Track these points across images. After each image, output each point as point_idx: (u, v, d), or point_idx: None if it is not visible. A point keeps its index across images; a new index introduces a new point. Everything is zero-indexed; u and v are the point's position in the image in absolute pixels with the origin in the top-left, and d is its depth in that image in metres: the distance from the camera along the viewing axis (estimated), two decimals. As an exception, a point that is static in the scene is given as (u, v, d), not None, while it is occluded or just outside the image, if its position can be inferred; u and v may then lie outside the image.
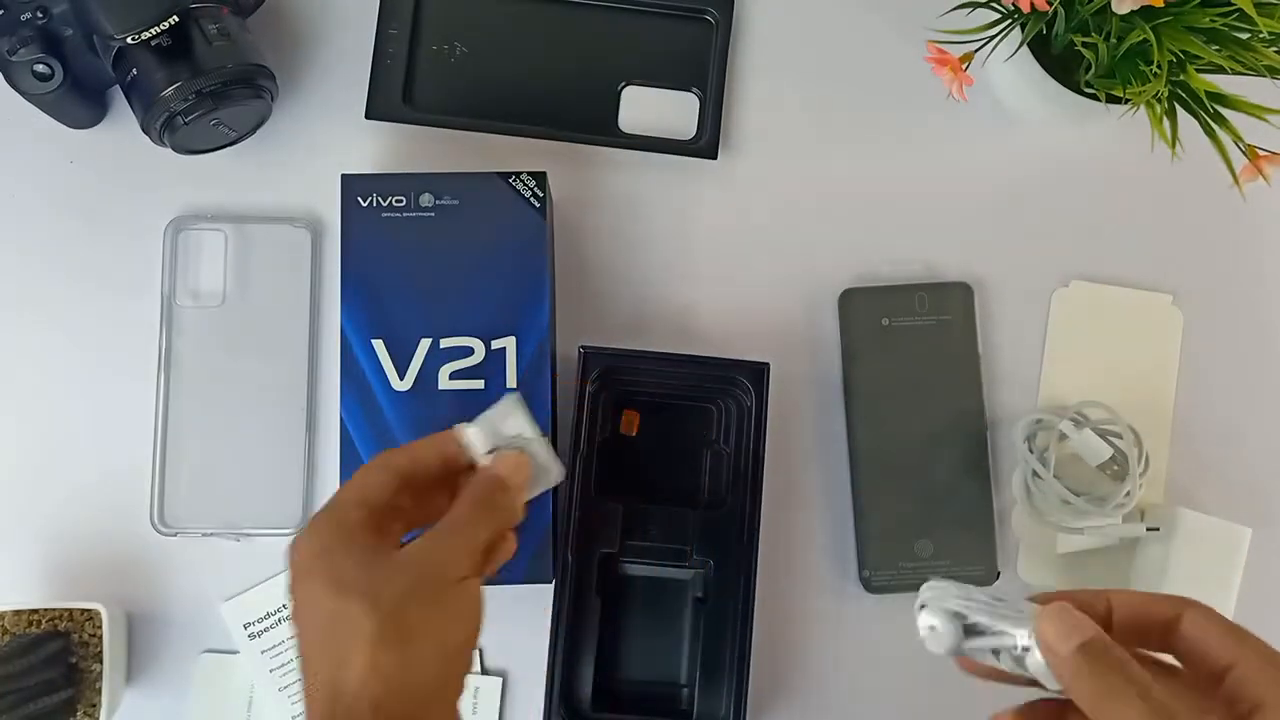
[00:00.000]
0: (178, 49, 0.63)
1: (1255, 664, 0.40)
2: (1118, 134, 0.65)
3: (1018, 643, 0.42)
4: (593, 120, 0.72)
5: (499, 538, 0.53)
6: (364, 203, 0.67)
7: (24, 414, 0.70)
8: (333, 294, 0.70)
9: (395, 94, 0.71)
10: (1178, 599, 0.43)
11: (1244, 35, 0.58)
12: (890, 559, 0.68)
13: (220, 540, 0.68)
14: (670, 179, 0.72)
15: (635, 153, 0.72)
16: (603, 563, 0.65)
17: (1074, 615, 0.41)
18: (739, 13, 0.74)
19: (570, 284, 0.71)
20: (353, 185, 0.67)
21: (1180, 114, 0.59)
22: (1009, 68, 0.65)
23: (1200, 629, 0.42)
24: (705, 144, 0.71)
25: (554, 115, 0.72)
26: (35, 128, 0.70)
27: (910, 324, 0.70)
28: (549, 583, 0.64)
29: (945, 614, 0.43)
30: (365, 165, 0.72)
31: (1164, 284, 0.72)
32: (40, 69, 0.64)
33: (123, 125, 0.71)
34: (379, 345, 0.65)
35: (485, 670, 0.68)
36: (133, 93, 0.65)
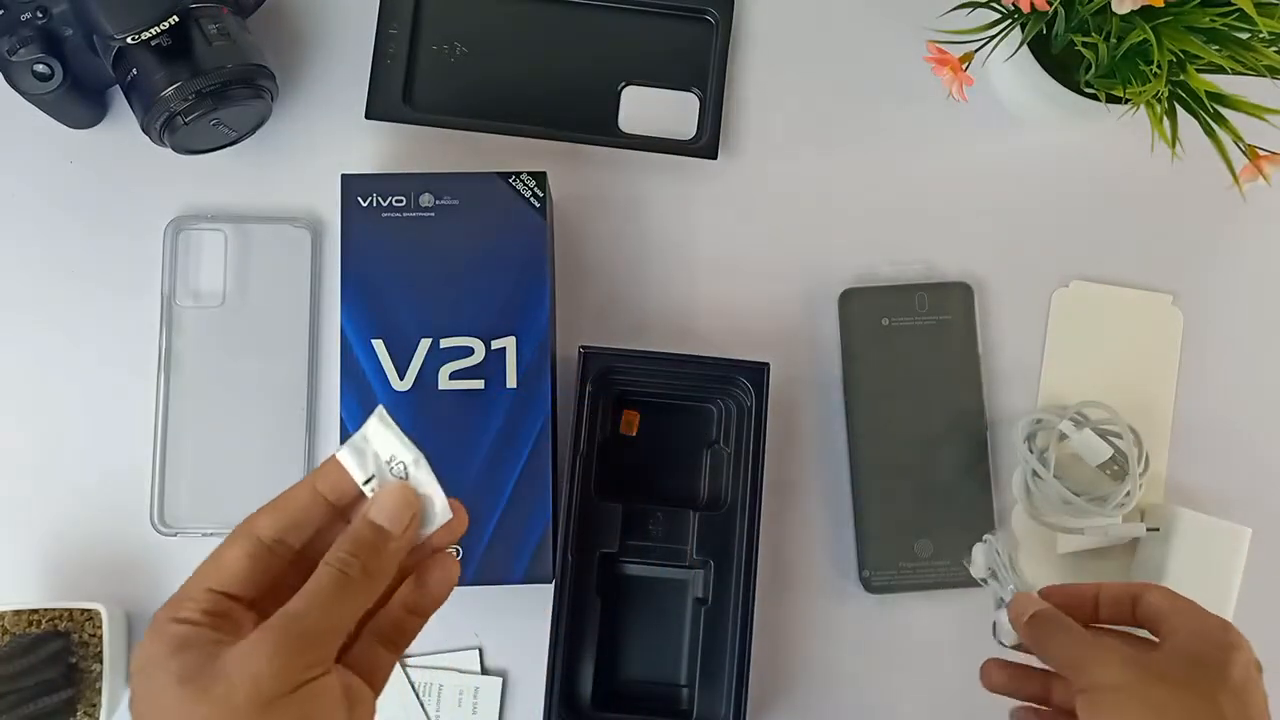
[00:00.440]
0: (178, 49, 0.63)
1: (1166, 598, 0.53)
2: (1118, 134, 0.65)
3: (1003, 596, 0.57)
4: (593, 120, 0.72)
5: (412, 576, 0.45)
6: (364, 203, 0.67)
7: (24, 414, 0.70)
8: (333, 294, 0.70)
9: (395, 94, 0.71)
10: (1142, 584, 0.55)
11: (1244, 35, 0.58)
12: (890, 559, 0.68)
13: (220, 540, 0.68)
14: (670, 179, 0.72)
15: (635, 153, 0.72)
16: (602, 563, 0.65)
17: (1030, 598, 0.56)
18: (739, 13, 0.74)
19: (570, 284, 0.71)
20: (353, 185, 0.67)
21: (1180, 114, 0.59)
22: (1009, 68, 0.65)
23: (1152, 599, 0.54)
24: (705, 144, 0.71)
25: (554, 115, 0.72)
26: (35, 128, 0.70)
27: (910, 324, 0.70)
28: (549, 583, 0.64)
29: (986, 556, 0.60)
30: (365, 165, 0.72)
31: (1164, 284, 0.72)
32: (40, 69, 0.64)
33: (123, 125, 0.71)
34: (379, 345, 0.65)
35: (485, 670, 0.68)
36: (133, 93, 0.65)
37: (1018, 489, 0.69)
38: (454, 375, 0.65)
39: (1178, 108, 0.59)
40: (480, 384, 0.65)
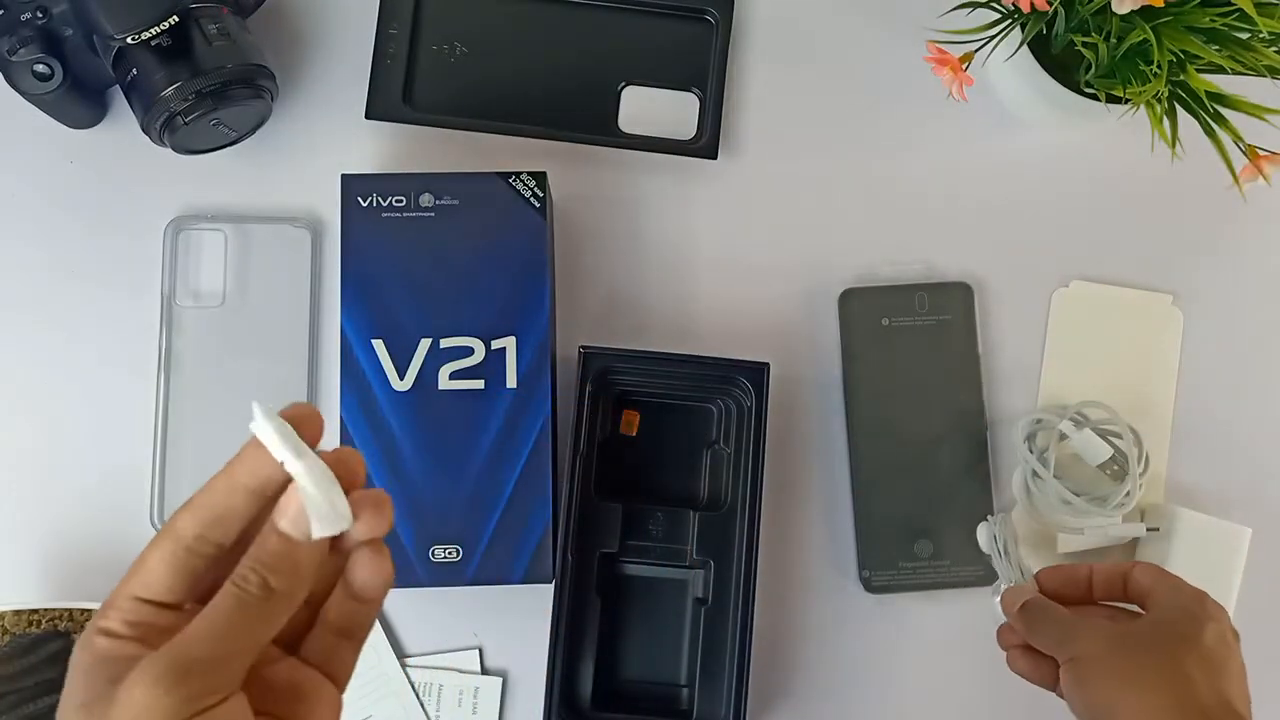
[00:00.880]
0: (178, 49, 0.63)
1: (1150, 573, 0.57)
2: (1118, 134, 0.65)
3: (1002, 578, 0.63)
4: (593, 120, 0.72)
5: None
6: (364, 203, 0.67)
7: (24, 414, 0.70)
8: (333, 294, 0.70)
9: (395, 94, 0.71)
10: (1131, 562, 0.59)
11: (1244, 35, 0.58)
12: (890, 559, 0.68)
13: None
14: (670, 179, 0.72)
15: (635, 153, 0.72)
16: (602, 563, 0.65)
17: (1019, 589, 0.60)
18: (739, 13, 0.74)
19: (570, 284, 0.71)
20: (353, 185, 0.67)
21: (1180, 114, 0.59)
22: (1009, 68, 0.65)
23: (1138, 575, 0.57)
24: (705, 144, 0.71)
25: (554, 115, 0.72)
26: (35, 127, 0.70)
27: (910, 324, 0.70)
28: (549, 583, 0.64)
29: (987, 538, 0.66)
30: (365, 165, 0.72)
31: (1164, 284, 0.72)
32: (40, 69, 0.64)
33: (123, 125, 0.71)
34: (379, 345, 0.65)
35: (485, 670, 0.68)
36: (133, 93, 0.65)
37: (1018, 489, 0.69)
38: (454, 375, 0.65)
39: (1178, 108, 0.59)
40: (480, 384, 0.65)
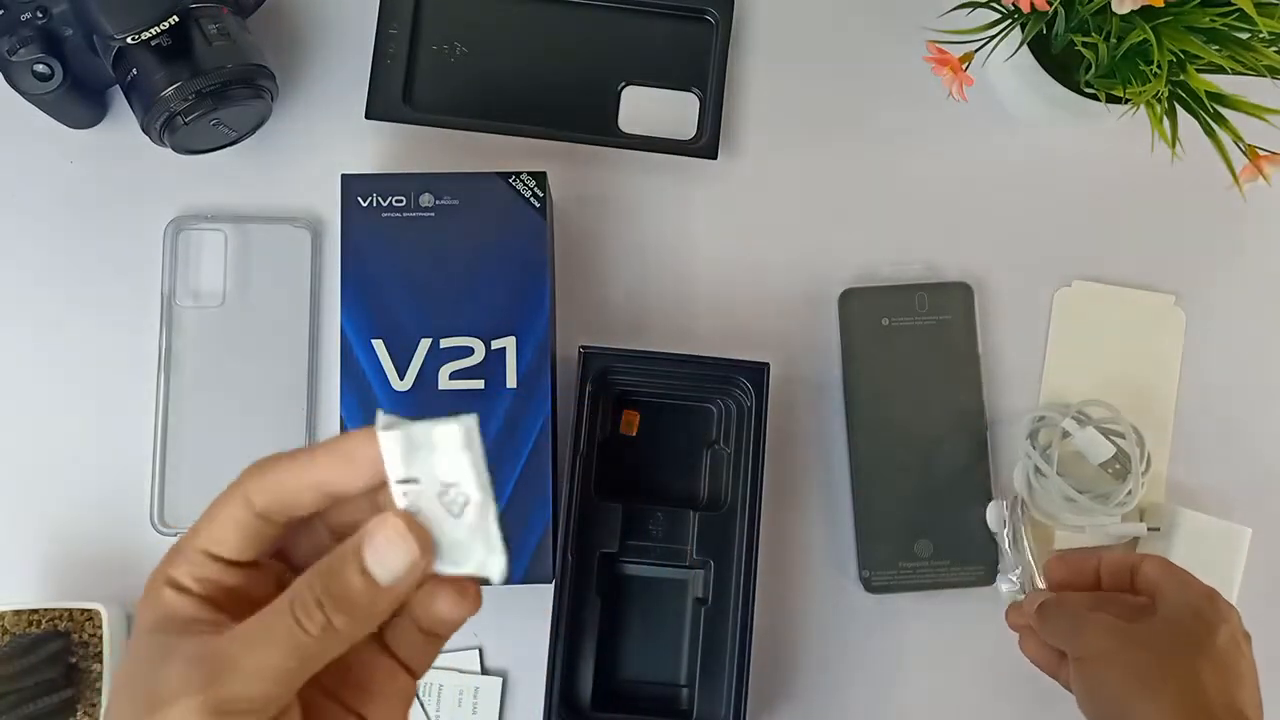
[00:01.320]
0: (178, 49, 0.63)
1: (1159, 568, 0.57)
2: (1118, 134, 0.65)
3: (1008, 559, 0.67)
4: (593, 120, 0.72)
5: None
6: (364, 203, 0.67)
7: (24, 414, 0.70)
8: (333, 294, 0.70)
9: (395, 94, 0.71)
10: (1140, 554, 0.58)
11: (1244, 35, 0.58)
12: (890, 559, 0.68)
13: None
14: (670, 179, 0.72)
15: (635, 153, 0.72)
16: (602, 563, 0.65)
17: (1040, 594, 0.60)
18: (739, 13, 0.73)
19: (570, 284, 0.71)
20: (353, 185, 0.67)
21: (1180, 114, 0.59)
22: (1009, 68, 0.65)
23: (1147, 569, 0.57)
24: (705, 144, 0.71)
25: (554, 115, 0.72)
26: (35, 128, 0.70)
27: (910, 324, 0.70)
28: (549, 583, 0.64)
29: (1003, 514, 0.67)
30: (365, 165, 0.72)
31: (1166, 284, 0.72)
32: (40, 69, 0.64)
33: (123, 125, 0.71)
34: (379, 345, 0.65)
35: (485, 670, 0.68)
36: (133, 93, 0.65)
37: (1019, 485, 0.69)
38: (454, 375, 0.65)
39: (1178, 108, 0.59)
40: (480, 384, 0.65)
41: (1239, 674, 0.53)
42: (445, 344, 0.66)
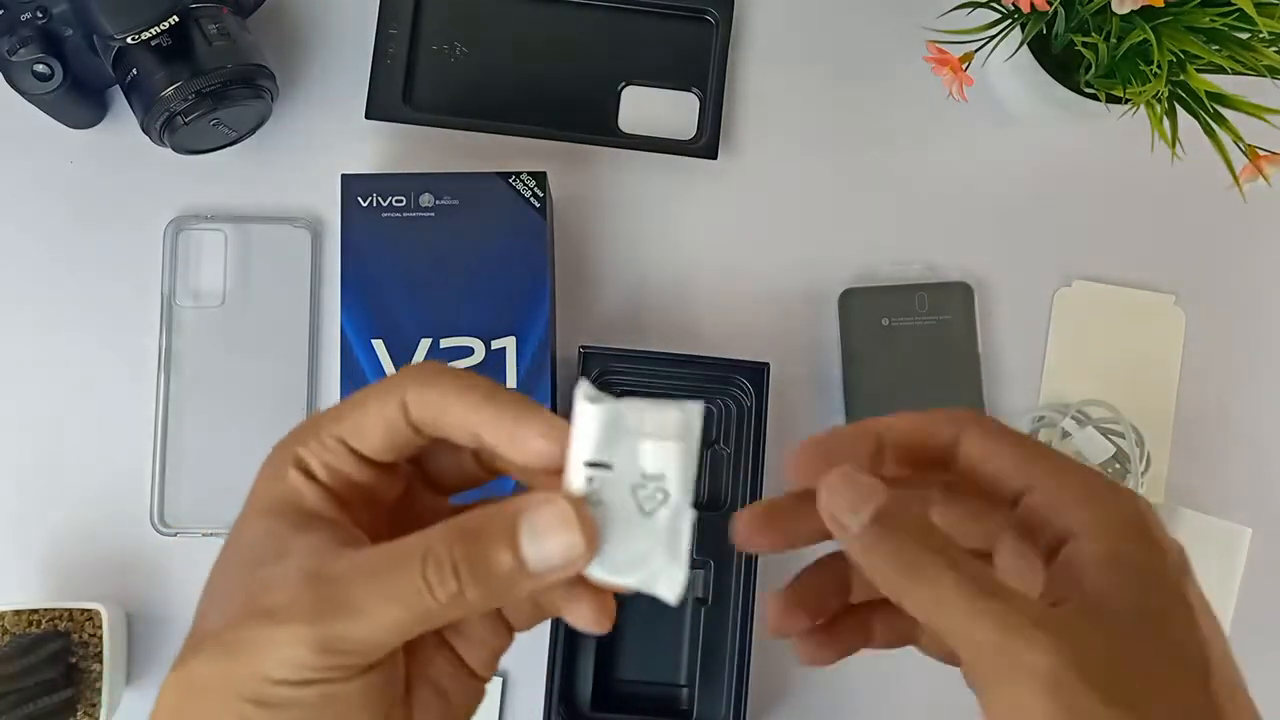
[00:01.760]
0: (178, 49, 0.63)
1: (1052, 486, 0.34)
2: (1118, 134, 0.65)
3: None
4: (593, 120, 0.72)
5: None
6: (364, 203, 0.67)
7: (24, 414, 0.70)
8: (333, 294, 0.70)
9: (395, 94, 0.71)
10: (956, 415, 0.36)
11: (1244, 35, 0.58)
12: (890, 559, 0.68)
13: (220, 541, 0.68)
14: (670, 179, 0.72)
15: (635, 153, 0.72)
16: (603, 563, 0.65)
17: (859, 481, 0.33)
18: (739, 12, 0.73)
19: (570, 284, 0.71)
20: (353, 185, 0.67)
21: (1180, 114, 0.59)
22: (1009, 68, 0.65)
23: (982, 449, 0.35)
24: (705, 144, 0.71)
25: (554, 115, 0.72)
26: (35, 127, 0.70)
27: (910, 324, 0.70)
28: (549, 583, 0.64)
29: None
30: (365, 165, 0.72)
31: (1166, 284, 0.72)
32: (40, 69, 0.64)
33: (123, 125, 0.71)
34: (379, 345, 0.65)
35: (485, 670, 0.68)
36: (133, 93, 0.65)
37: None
38: (454, 375, 0.65)
39: (1178, 108, 0.59)
40: (480, 384, 0.65)
41: (1226, 656, 0.32)
42: (445, 344, 0.66)
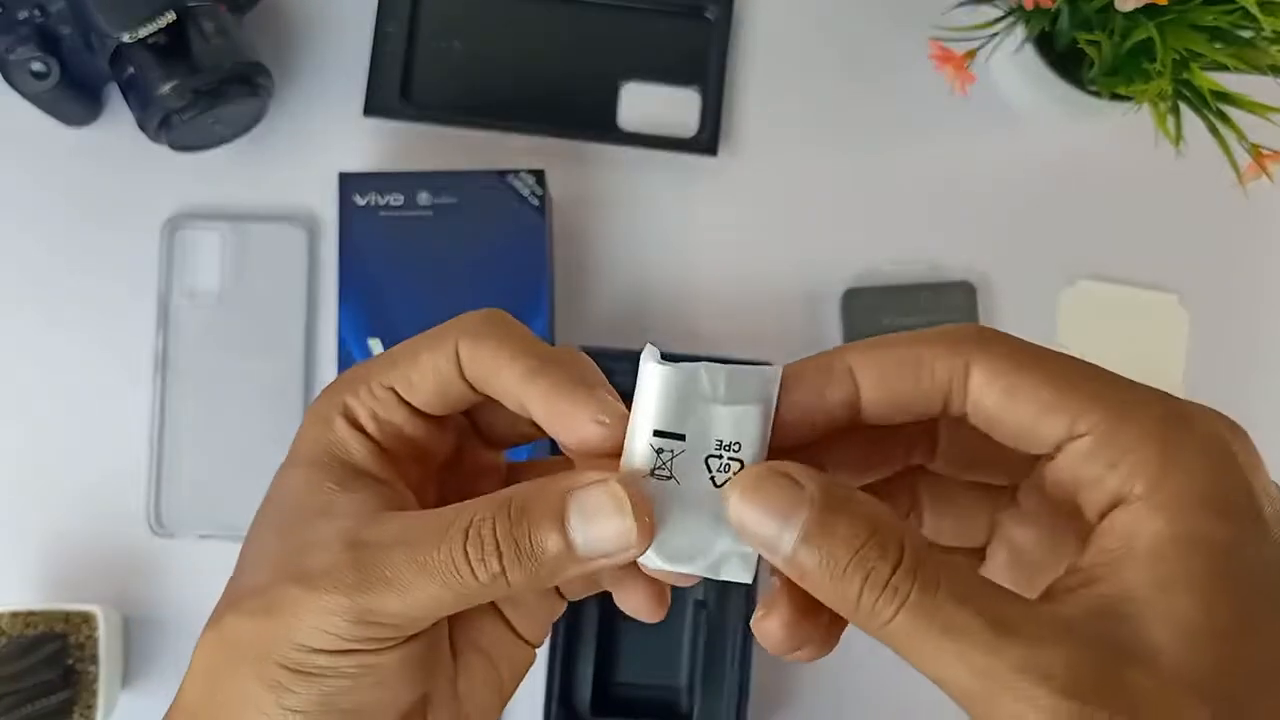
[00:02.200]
0: (175, 47, 0.63)
1: (1104, 427, 0.27)
2: (1121, 132, 0.65)
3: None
4: (592, 117, 0.72)
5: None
6: (361, 201, 0.66)
7: (19, 414, 0.70)
8: (330, 293, 0.70)
9: (393, 91, 0.71)
10: (959, 337, 0.29)
11: (1248, 34, 0.57)
12: (892, 560, 0.68)
13: (217, 542, 0.68)
14: (670, 176, 0.72)
15: (635, 150, 0.71)
16: (602, 564, 0.65)
17: (780, 490, 0.27)
18: (739, 9, 0.73)
19: (570, 283, 0.71)
20: (350, 183, 0.67)
21: (1184, 112, 0.59)
22: (1012, 65, 0.64)
23: (1000, 387, 0.28)
24: (705, 141, 0.71)
25: (553, 113, 0.72)
26: (31, 126, 0.69)
27: (913, 323, 0.70)
28: (548, 584, 0.64)
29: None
30: (363, 163, 0.71)
31: (1170, 284, 0.72)
32: (37, 67, 0.64)
33: (119, 123, 0.71)
34: (376, 345, 0.65)
35: (484, 672, 0.68)
36: (130, 91, 0.65)
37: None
38: (452, 375, 0.65)
39: (1181, 106, 0.59)
40: (479, 384, 0.65)
41: None
42: (444, 344, 0.65)
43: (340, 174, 0.67)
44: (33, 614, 0.65)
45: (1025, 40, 0.62)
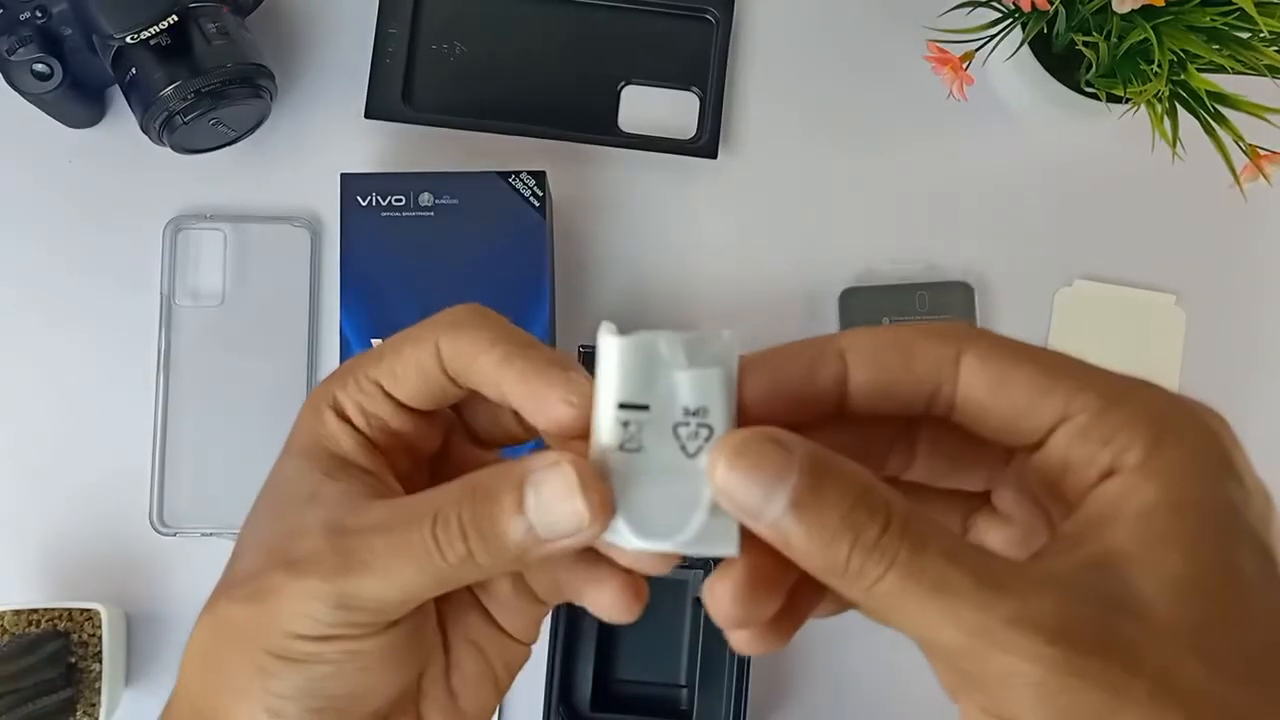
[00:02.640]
0: (177, 48, 0.63)
1: (1091, 411, 0.28)
2: (1119, 133, 0.65)
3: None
4: (592, 120, 0.72)
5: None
6: (363, 202, 0.66)
7: (23, 414, 0.70)
8: (332, 293, 0.70)
9: (395, 93, 0.71)
10: (950, 330, 0.29)
11: (1244, 34, 0.58)
12: (890, 559, 0.68)
13: (220, 540, 0.68)
14: (670, 178, 0.72)
15: (635, 152, 0.72)
16: (602, 563, 0.65)
17: (769, 455, 0.26)
18: (739, 11, 0.73)
19: (570, 284, 0.71)
20: (352, 184, 0.67)
21: (1181, 113, 0.59)
22: (1009, 67, 0.64)
23: (989, 376, 0.28)
24: (705, 143, 0.71)
25: (554, 115, 0.72)
26: (34, 127, 0.70)
27: (911, 323, 0.70)
28: (548, 583, 0.64)
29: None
30: (364, 164, 0.72)
31: (1167, 284, 0.72)
32: (39, 68, 0.64)
33: (122, 124, 0.71)
34: (378, 345, 0.65)
35: (485, 670, 0.68)
36: (132, 92, 0.65)
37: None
38: (453, 375, 0.65)
39: (1178, 107, 0.59)
40: (480, 384, 0.65)
41: None
42: (445, 344, 0.65)
43: (342, 175, 0.67)
44: (35, 612, 0.65)
45: (1022, 42, 0.62)
